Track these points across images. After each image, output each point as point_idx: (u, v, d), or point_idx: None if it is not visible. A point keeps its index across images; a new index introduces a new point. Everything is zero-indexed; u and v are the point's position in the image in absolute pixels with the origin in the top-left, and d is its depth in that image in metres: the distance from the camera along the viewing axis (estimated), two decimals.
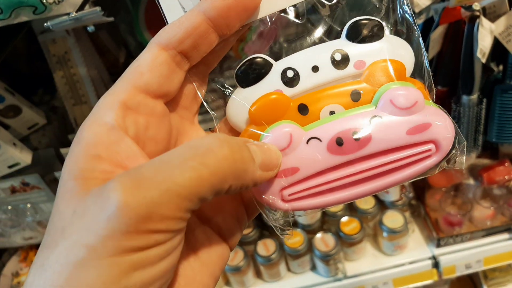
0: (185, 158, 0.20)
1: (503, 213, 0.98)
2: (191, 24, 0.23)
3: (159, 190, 0.19)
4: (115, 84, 0.24)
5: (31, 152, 0.79)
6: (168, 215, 0.19)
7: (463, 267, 0.99)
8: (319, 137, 0.25)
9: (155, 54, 0.23)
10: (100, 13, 0.56)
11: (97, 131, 0.21)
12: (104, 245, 0.18)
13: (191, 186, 0.19)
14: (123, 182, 0.19)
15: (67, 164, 0.21)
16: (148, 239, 0.19)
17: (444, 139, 0.25)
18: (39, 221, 0.95)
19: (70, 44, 0.85)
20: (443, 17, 0.68)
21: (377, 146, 0.25)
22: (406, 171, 0.25)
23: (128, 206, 0.18)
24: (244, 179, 0.22)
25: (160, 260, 0.20)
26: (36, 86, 1.07)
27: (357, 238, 0.95)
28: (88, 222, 0.19)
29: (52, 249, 0.19)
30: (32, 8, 0.58)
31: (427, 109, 0.25)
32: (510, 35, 0.67)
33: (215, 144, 0.21)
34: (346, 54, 0.26)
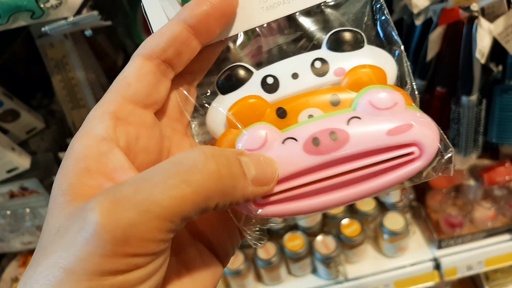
0: (166, 176, 0.19)
1: (504, 214, 0.98)
2: (172, 33, 0.24)
3: (137, 211, 0.18)
4: (104, 97, 0.24)
5: (29, 157, 0.79)
6: (147, 238, 0.18)
7: (465, 268, 0.98)
8: (295, 137, 0.24)
9: (140, 65, 0.24)
10: (97, 17, 0.56)
11: (87, 143, 0.21)
12: (81, 267, 0.17)
13: (172, 206, 0.18)
14: (101, 202, 0.18)
15: (58, 179, 0.21)
16: (126, 262, 0.18)
17: (428, 141, 0.24)
18: (38, 226, 0.94)
19: (68, 48, 0.85)
20: (442, 18, 0.67)
21: (356, 146, 0.23)
22: (389, 176, 0.24)
23: (104, 228, 0.17)
24: (232, 196, 0.21)
25: (142, 282, 0.19)
26: (34, 90, 1.07)
27: (357, 240, 0.95)
28: (67, 242, 0.18)
29: (35, 268, 0.19)
30: (29, 12, 0.57)
31: (409, 112, 0.24)
32: (509, 35, 0.67)
33: (199, 159, 0.19)
34: (326, 62, 0.26)
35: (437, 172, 0.25)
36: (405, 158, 0.24)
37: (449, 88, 0.77)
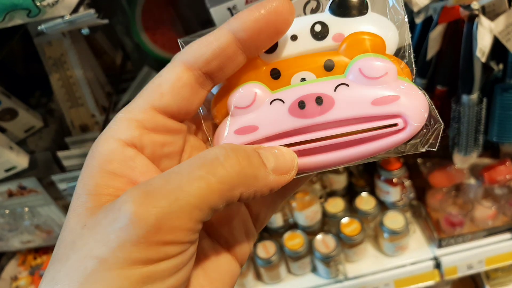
0: (193, 168, 0.20)
1: (505, 213, 0.97)
2: (219, 45, 0.23)
3: (168, 200, 0.19)
4: (134, 101, 0.23)
5: (28, 156, 0.79)
6: (178, 226, 0.19)
7: (465, 267, 0.98)
8: (283, 99, 0.25)
9: (179, 74, 0.23)
10: (94, 16, 0.56)
11: (113, 147, 0.22)
12: (114, 256, 0.18)
13: (201, 195, 0.19)
14: (134, 194, 0.19)
15: (82, 178, 0.22)
16: (159, 251, 0.19)
17: (413, 114, 0.23)
18: (37, 225, 0.94)
19: (66, 46, 0.85)
20: (442, 16, 0.67)
21: (339, 113, 0.24)
22: (371, 145, 0.24)
23: (139, 216, 0.18)
24: (255, 185, 0.21)
25: (171, 274, 0.19)
26: (33, 88, 1.07)
27: (357, 239, 0.94)
28: (99, 234, 0.19)
29: (63, 263, 0.19)
30: (26, 11, 0.57)
31: (399, 83, 0.24)
32: (510, 34, 0.66)
33: (221, 153, 0.21)
34: (326, 26, 0.26)
35: (423, 146, 0.25)
36: (388, 129, 0.24)
37: (449, 87, 0.76)
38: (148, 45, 0.94)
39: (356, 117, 0.24)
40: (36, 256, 1.05)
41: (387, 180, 0.97)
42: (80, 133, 0.90)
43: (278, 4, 0.23)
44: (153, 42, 0.94)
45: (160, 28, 0.93)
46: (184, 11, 0.91)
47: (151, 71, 0.93)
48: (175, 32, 0.94)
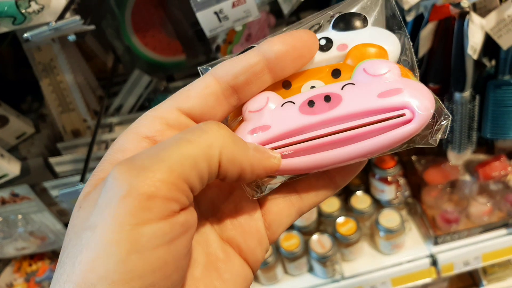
0: (176, 136, 0.21)
1: (500, 209, 0.97)
2: (248, 62, 0.25)
3: (149, 158, 0.20)
4: (162, 103, 0.25)
5: (19, 163, 0.78)
6: (160, 178, 0.19)
7: (462, 264, 0.98)
8: (293, 101, 0.26)
9: (207, 83, 0.25)
10: (80, 22, 0.55)
11: (129, 138, 0.23)
12: (102, 219, 0.19)
13: (178, 150, 0.20)
14: (121, 162, 0.20)
15: (96, 168, 0.24)
16: (143, 206, 0.19)
17: (420, 105, 0.24)
18: (31, 232, 0.93)
19: (55, 51, 0.84)
20: (433, 14, 0.66)
21: (347, 107, 0.25)
22: (381, 137, 0.24)
23: (120, 175, 0.19)
24: (234, 149, 0.22)
25: (161, 244, 0.19)
26: (24, 93, 1.06)
27: (353, 238, 0.94)
28: (90, 206, 0.20)
29: (65, 246, 0.21)
30: (11, 18, 0.56)
31: (403, 79, 0.25)
32: (502, 30, 0.66)
33: (203, 123, 0.22)
34: (330, 40, 0.27)
35: (433, 138, 0.26)
36: (396, 120, 0.24)
37: (441, 84, 0.76)
38: (139, 47, 0.93)
39: (364, 110, 0.25)
40: (31, 263, 1.05)
41: (381, 179, 0.97)
42: (72, 138, 0.90)
43: (305, 35, 0.26)
44: (143, 45, 0.94)
45: (150, 30, 0.92)
46: (174, 13, 0.90)
47: (142, 74, 0.93)
48: (165, 34, 0.93)
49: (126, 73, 0.97)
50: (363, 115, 0.25)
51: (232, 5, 0.51)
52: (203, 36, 0.69)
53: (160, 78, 0.97)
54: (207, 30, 0.54)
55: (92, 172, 0.23)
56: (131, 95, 0.93)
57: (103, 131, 0.89)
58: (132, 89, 0.93)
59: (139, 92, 0.93)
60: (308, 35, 0.26)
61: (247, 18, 0.53)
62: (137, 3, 0.89)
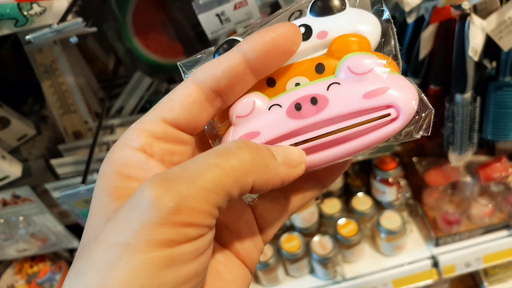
0: (207, 158, 0.21)
1: (501, 210, 0.97)
2: (229, 64, 0.24)
3: (186, 184, 0.20)
4: (147, 114, 0.25)
5: (21, 164, 0.78)
6: (197, 208, 0.20)
7: (463, 265, 0.98)
8: (280, 104, 0.26)
9: (190, 91, 0.24)
10: (82, 24, 0.55)
11: (127, 154, 0.23)
12: (137, 239, 0.19)
13: (216, 179, 0.20)
14: (153, 180, 0.20)
15: (100, 182, 0.23)
16: (180, 232, 0.19)
17: (404, 103, 0.24)
18: (32, 233, 0.93)
19: (57, 53, 0.84)
20: (433, 16, 0.66)
21: (334, 110, 0.25)
22: (369, 136, 0.25)
23: (159, 199, 0.19)
24: (267, 173, 0.23)
25: (192, 258, 0.20)
26: (25, 95, 1.06)
27: (354, 240, 0.94)
28: (121, 222, 0.20)
29: (87, 256, 0.20)
30: (13, 21, 0.56)
31: (388, 76, 0.25)
32: (502, 32, 0.66)
33: (233, 145, 0.22)
34: (309, 27, 0.27)
35: (417, 132, 0.26)
36: (382, 120, 0.25)
37: (442, 86, 0.76)
38: (140, 49, 0.93)
39: (350, 112, 0.25)
40: (33, 264, 1.05)
41: (383, 180, 0.97)
42: (74, 140, 0.90)
43: (287, 29, 0.24)
44: (145, 47, 0.94)
45: (151, 33, 0.92)
46: (175, 15, 0.90)
47: (143, 76, 0.93)
48: (166, 36, 0.93)
49: (127, 75, 0.97)
50: (350, 116, 0.25)
51: (233, 7, 0.51)
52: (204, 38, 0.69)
53: (161, 80, 0.98)
54: (209, 32, 0.54)
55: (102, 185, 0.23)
56: (132, 97, 0.93)
57: (104, 133, 0.89)
58: (133, 91, 0.93)
59: (140, 94, 0.93)
60: (290, 28, 0.25)
61: (248, 20, 0.54)
62: (139, 5, 0.89)
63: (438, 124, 0.81)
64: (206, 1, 0.52)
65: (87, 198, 0.75)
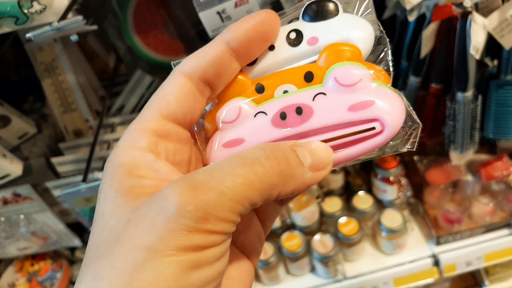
0: (235, 166, 0.21)
1: (503, 209, 0.97)
2: (214, 54, 0.25)
3: (214, 194, 0.20)
4: (143, 112, 0.25)
5: (21, 163, 0.78)
6: (222, 217, 0.20)
7: (464, 264, 0.98)
8: (266, 111, 0.26)
9: (181, 84, 0.25)
10: (82, 22, 0.55)
11: (135, 155, 0.23)
12: (164, 244, 0.19)
13: (242, 191, 0.21)
14: (179, 186, 0.20)
15: (113, 184, 0.23)
16: (206, 239, 0.20)
17: (390, 118, 0.24)
18: (33, 231, 0.93)
19: (57, 51, 0.84)
20: (435, 14, 0.66)
21: (319, 121, 0.25)
22: (352, 149, 0.25)
23: (186, 207, 0.19)
24: (293, 184, 0.23)
25: (216, 260, 0.21)
26: (26, 93, 1.06)
27: (355, 238, 0.94)
28: (146, 226, 0.20)
29: (107, 258, 0.20)
30: (13, 18, 0.56)
31: (375, 88, 0.25)
32: (504, 30, 0.65)
33: (261, 154, 0.22)
34: (300, 32, 0.27)
35: (403, 146, 0.26)
36: (366, 133, 0.25)
37: (444, 84, 0.76)
38: (141, 47, 0.93)
39: (334, 124, 0.25)
40: (34, 263, 1.05)
41: (384, 179, 0.97)
42: (74, 138, 0.90)
43: (265, 16, 0.25)
44: (145, 45, 0.93)
45: (152, 31, 0.92)
46: (176, 13, 0.90)
47: (144, 74, 0.93)
48: (167, 34, 0.93)
49: (128, 73, 0.97)
50: (334, 128, 0.25)
51: (234, 5, 0.50)
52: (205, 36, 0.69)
53: (162, 78, 0.97)
54: (210, 30, 0.54)
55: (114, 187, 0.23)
56: (133, 95, 0.93)
57: (105, 131, 0.89)
58: (134, 89, 0.93)
59: (141, 92, 0.93)
60: (269, 15, 0.25)
61: None
62: (139, 3, 0.89)
63: (440, 122, 0.81)
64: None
65: (88, 196, 0.75)
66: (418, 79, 0.78)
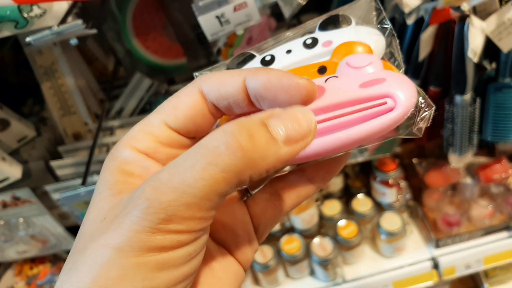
0: (195, 160, 0.20)
1: (502, 211, 0.97)
2: (231, 89, 0.24)
3: (175, 194, 0.20)
4: (151, 115, 0.25)
5: (21, 166, 0.78)
6: (187, 216, 0.20)
7: (463, 267, 0.98)
8: None
9: (195, 102, 0.25)
10: (82, 26, 0.55)
11: (130, 153, 0.24)
12: (129, 244, 0.19)
13: (206, 187, 0.20)
14: (144, 190, 0.20)
15: (104, 176, 0.24)
16: (171, 238, 0.20)
17: (402, 94, 0.24)
18: (32, 235, 0.93)
19: (56, 55, 0.84)
20: (433, 18, 0.66)
21: (330, 98, 0.25)
22: (365, 125, 0.24)
23: (148, 210, 0.19)
24: (263, 165, 0.21)
25: (185, 262, 0.21)
26: (25, 97, 1.06)
27: (355, 241, 0.94)
28: (115, 226, 0.20)
29: (81, 253, 0.20)
30: (13, 23, 0.56)
31: (385, 70, 0.25)
32: (502, 33, 0.66)
33: (221, 139, 0.20)
34: (316, 38, 0.29)
35: (417, 127, 0.26)
36: (378, 108, 0.24)
37: (442, 87, 0.76)
38: (140, 51, 0.93)
39: (345, 100, 0.25)
40: (33, 266, 1.05)
41: (383, 182, 0.97)
42: (73, 141, 0.90)
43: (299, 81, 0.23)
44: (144, 48, 0.94)
45: (151, 34, 0.92)
46: (175, 16, 0.90)
47: (143, 77, 0.93)
48: (166, 37, 0.93)
49: (127, 76, 0.97)
50: (345, 105, 0.25)
51: (233, 9, 0.51)
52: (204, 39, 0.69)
53: (161, 81, 0.98)
54: (209, 34, 0.54)
55: (105, 179, 0.24)
56: (132, 98, 0.93)
57: (104, 134, 0.89)
58: (133, 92, 0.93)
59: (140, 95, 0.93)
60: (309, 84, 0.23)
61: (248, 22, 0.54)
62: (138, 6, 0.90)
63: (438, 125, 0.81)
64: (206, 3, 0.52)
65: (87, 199, 0.75)
66: (417, 82, 0.78)
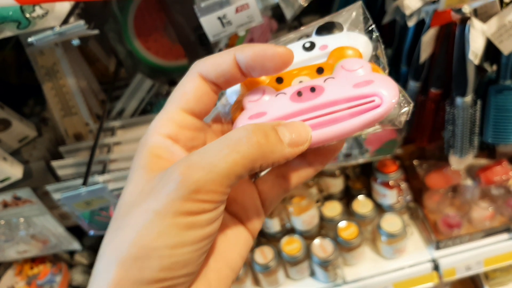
0: (221, 147, 0.26)
1: (502, 213, 0.97)
2: (226, 67, 0.30)
3: (204, 172, 0.25)
4: (167, 105, 0.31)
5: (22, 166, 0.78)
6: (212, 189, 0.26)
7: (463, 269, 0.98)
8: (285, 92, 0.32)
9: (198, 85, 0.30)
10: (84, 27, 0.55)
11: (158, 139, 0.29)
12: (167, 209, 0.25)
13: (228, 168, 0.26)
14: (179, 166, 0.26)
15: (137, 158, 0.29)
16: (198, 206, 0.25)
17: (387, 93, 0.30)
18: (33, 235, 0.93)
19: (58, 55, 0.84)
20: (434, 20, 0.67)
21: (329, 96, 0.30)
22: (357, 119, 0.30)
23: (183, 183, 0.25)
24: (272, 157, 0.27)
25: (207, 224, 0.26)
26: (26, 97, 1.06)
27: (355, 243, 0.94)
28: (155, 195, 0.26)
29: (125, 217, 0.26)
30: (15, 23, 0.57)
31: (374, 73, 0.31)
32: (503, 35, 0.66)
33: (243, 134, 0.27)
34: (313, 42, 0.34)
35: (398, 120, 0.32)
36: (368, 105, 0.30)
37: (443, 89, 0.76)
38: (141, 51, 0.94)
39: (342, 98, 0.30)
40: (33, 266, 1.05)
41: (383, 183, 0.97)
42: (74, 141, 0.90)
43: (282, 49, 0.29)
44: (146, 49, 0.94)
45: (152, 35, 0.93)
46: (176, 17, 0.90)
47: (144, 78, 0.93)
48: (167, 38, 0.94)
49: (128, 77, 0.97)
50: (341, 101, 0.30)
51: (235, 10, 0.51)
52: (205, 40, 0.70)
53: (162, 82, 0.98)
54: (211, 35, 0.54)
55: (138, 160, 0.29)
56: (133, 99, 0.93)
57: (105, 134, 0.89)
58: (134, 93, 0.93)
59: (141, 96, 0.93)
60: (285, 50, 0.29)
61: (250, 23, 0.54)
62: (140, 7, 0.90)
63: (439, 127, 0.81)
64: (207, 4, 0.52)
65: (88, 200, 0.75)
66: (418, 84, 0.78)
